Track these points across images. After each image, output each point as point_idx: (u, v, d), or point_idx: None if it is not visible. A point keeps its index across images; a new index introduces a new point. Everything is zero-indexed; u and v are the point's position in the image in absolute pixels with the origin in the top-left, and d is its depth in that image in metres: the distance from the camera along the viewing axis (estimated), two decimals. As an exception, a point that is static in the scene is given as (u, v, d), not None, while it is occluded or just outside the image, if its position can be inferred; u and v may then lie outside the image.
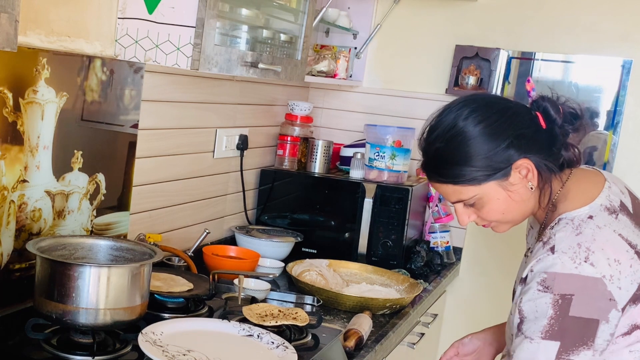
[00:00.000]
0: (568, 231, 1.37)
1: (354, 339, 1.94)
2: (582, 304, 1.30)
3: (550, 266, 1.34)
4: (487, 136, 1.42)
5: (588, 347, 1.30)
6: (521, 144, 1.41)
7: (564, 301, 1.30)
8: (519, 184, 1.43)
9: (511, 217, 1.48)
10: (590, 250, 1.33)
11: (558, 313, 1.31)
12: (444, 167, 1.46)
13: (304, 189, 2.95)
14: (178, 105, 2.35)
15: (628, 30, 2.90)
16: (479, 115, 1.43)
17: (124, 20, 1.92)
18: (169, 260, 2.25)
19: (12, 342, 1.59)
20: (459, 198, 1.47)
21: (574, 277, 1.31)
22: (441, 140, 1.46)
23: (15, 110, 1.66)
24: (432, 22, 3.17)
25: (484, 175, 1.42)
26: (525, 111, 1.47)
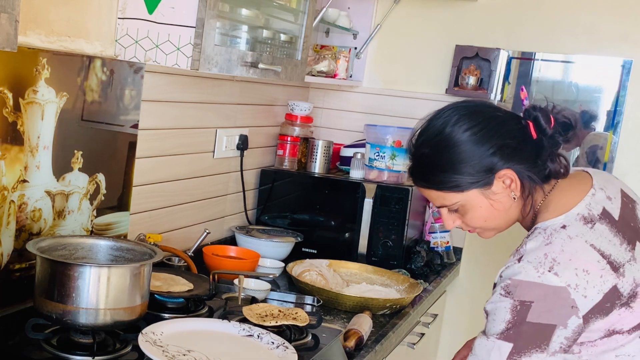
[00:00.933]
0: (538, 241, 1.40)
1: (354, 339, 1.94)
2: (541, 310, 1.33)
3: (514, 274, 1.37)
4: (472, 144, 1.43)
5: (542, 349, 1.34)
6: (506, 154, 1.43)
7: (523, 307, 1.34)
8: (501, 193, 1.45)
9: (494, 225, 1.51)
10: (556, 261, 1.35)
11: (515, 318, 1.34)
12: (429, 173, 1.49)
13: (304, 189, 2.95)
14: (178, 105, 2.35)
15: (628, 30, 2.90)
16: (466, 122, 1.45)
17: (124, 20, 1.92)
18: (169, 260, 2.25)
19: (12, 342, 1.59)
20: (443, 203, 1.50)
21: (536, 285, 1.34)
22: (427, 146, 1.49)
23: (15, 110, 1.66)
24: (432, 22, 3.17)
25: (467, 183, 1.44)
26: (514, 121, 1.48)
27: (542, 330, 1.34)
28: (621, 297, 1.37)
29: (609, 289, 1.36)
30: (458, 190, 1.46)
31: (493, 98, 3.06)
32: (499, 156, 1.43)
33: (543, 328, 1.34)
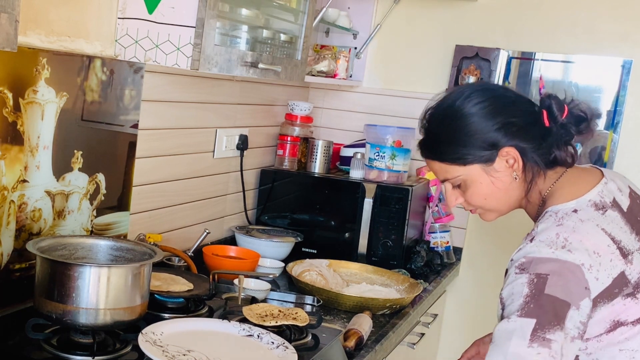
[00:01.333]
0: (549, 223, 1.39)
1: (354, 339, 1.94)
2: (557, 284, 1.30)
3: (528, 252, 1.35)
4: (479, 117, 1.44)
5: (561, 327, 1.28)
6: (511, 132, 1.44)
7: (539, 279, 1.30)
8: (503, 171, 1.46)
9: (494, 205, 1.50)
10: (568, 240, 1.34)
11: (533, 291, 1.30)
12: (435, 144, 1.50)
13: (304, 189, 2.95)
14: (178, 105, 2.35)
15: (628, 30, 2.90)
16: (477, 97, 1.46)
17: (124, 20, 1.92)
18: (169, 260, 2.25)
19: (12, 342, 1.59)
20: (445, 177, 1.50)
21: (551, 260, 1.32)
22: (437, 117, 1.50)
23: (15, 110, 1.66)
24: (432, 22, 3.17)
25: (470, 157, 1.45)
26: (526, 104, 1.49)
27: (560, 307, 1.29)
28: (628, 284, 1.36)
29: (617, 274, 1.35)
30: (460, 163, 1.46)
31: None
32: (503, 133, 1.43)
33: (560, 304, 1.29)
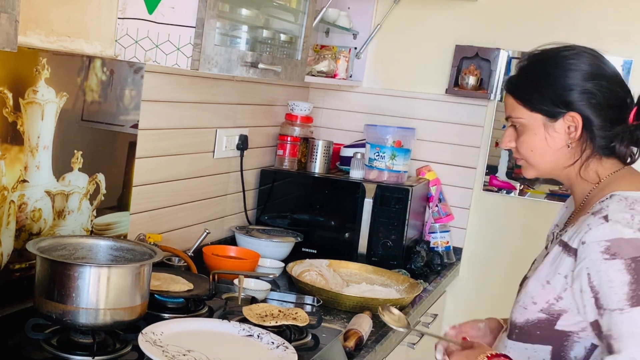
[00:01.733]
0: (622, 205, 1.37)
1: (354, 339, 1.94)
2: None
3: (607, 234, 1.33)
4: (568, 72, 1.46)
5: None
6: (589, 103, 1.43)
7: (636, 264, 1.29)
8: (560, 134, 1.46)
9: (538, 161, 1.50)
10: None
11: (636, 277, 1.29)
12: (519, 79, 1.52)
13: (304, 189, 2.95)
14: (178, 105, 2.35)
15: (628, 30, 2.90)
16: (583, 59, 1.49)
17: (124, 20, 1.92)
18: (169, 260, 2.25)
19: (12, 342, 1.59)
20: (510, 114, 1.51)
21: (637, 240, 1.30)
22: (538, 58, 1.53)
23: (15, 110, 1.66)
24: (432, 22, 3.17)
25: (538, 105, 1.46)
26: (622, 90, 1.47)
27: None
28: None
29: None
30: (528, 106, 1.47)
31: (493, 98, 3.06)
32: (581, 98, 1.43)
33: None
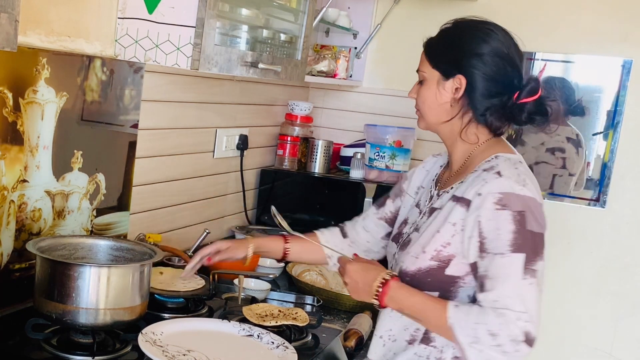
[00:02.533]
0: (508, 164, 1.55)
1: (354, 339, 1.94)
2: (532, 220, 1.47)
3: (501, 187, 1.49)
4: (471, 43, 1.62)
5: (541, 258, 1.47)
6: (479, 72, 1.59)
7: (521, 217, 1.46)
8: (446, 92, 1.61)
9: (426, 112, 1.66)
10: (526, 181, 1.51)
11: (519, 227, 1.45)
12: (434, 38, 1.69)
13: (304, 189, 2.95)
14: (178, 105, 2.35)
15: (628, 30, 2.90)
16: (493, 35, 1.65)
17: (124, 20, 1.92)
18: (169, 260, 2.25)
19: (12, 342, 1.59)
20: (419, 67, 1.68)
21: (523, 197, 1.48)
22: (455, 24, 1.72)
23: (15, 110, 1.66)
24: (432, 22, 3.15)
25: (438, 62, 1.63)
26: (515, 71, 1.62)
27: (537, 239, 1.47)
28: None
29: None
30: (432, 62, 1.64)
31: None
32: (473, 66, 1.59)
33: (537, 237, 1.47)
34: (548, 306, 3.09)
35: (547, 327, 3.12)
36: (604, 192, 2.98)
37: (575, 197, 3.03)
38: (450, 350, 1.54)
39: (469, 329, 1.44)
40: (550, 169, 3.06)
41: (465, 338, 1.44)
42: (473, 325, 1.44)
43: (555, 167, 3.05)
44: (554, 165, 3.04)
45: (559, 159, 3.04)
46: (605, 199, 2.98)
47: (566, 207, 3.04)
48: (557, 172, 3.05)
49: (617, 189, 2.96)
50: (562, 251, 3.05)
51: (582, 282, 3.04)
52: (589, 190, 3.01)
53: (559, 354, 3.10)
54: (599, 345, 3.03)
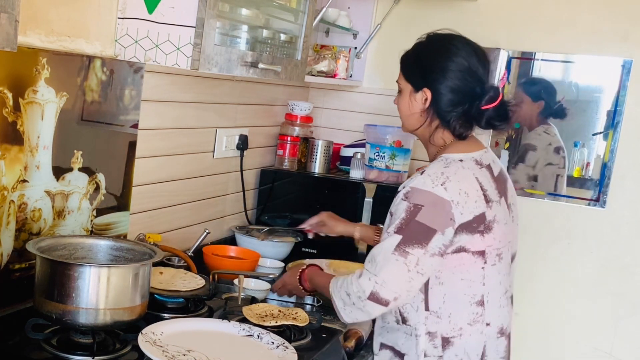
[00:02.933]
0: (440, 164, 1.78)
1: (354, 339, 1.94)
2: (428, 215, 1.70)
3: (415, 183, 1.74)
4: (439, 59, 1.81)
5: (422, 247, 1.69)
6: (445, 86, 1.79)
7: (415, 209, 1.70)
8: (417, 102, 1.83)
9: (403, 119, 1.90)
10: (449, 179, 1.72)
11: (408, 216, 1.71)
12: (408, 53, 1.90)
13: (304, 189, 2.95)
14: (178, 105, 2.35)
15: (628, 30, 2.90)
16: (460, 52, 1.80)
17: (124, 20, 1.92)
18: (169, 260, 2.25)
19: (12, 342, 1.59)
20: (398, 80, 1.90)
21: (428, 193, 1.71)
22: (428, 39, 1.88)
23: (15, 110, 1.66)
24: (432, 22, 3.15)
25: (411, 76, 1.85)
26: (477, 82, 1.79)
27: (426, 231, 1.69)
28: (483, 224, 1.74)
29: (479, 213, 1.74)
30: (405, 76, 1.87)
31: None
32: (440, 82, 1.79)
33: (426, 230, 1.69)
34: (548, 306, 3.10)
35: (547, 327, 3.12)
36: (604, 192, 2.98)
37: (575, 197, 3.03)
38: (423, 328, 1.80)
39: (338, 292, 1.79)
40: (553, 170, 3.06)
41: (338, 302, 1.79)
42: (339, 289, 1.79)
43: (558, 167, 3.05)
44: (558, 164, 3.04)
45: (561, 158, 3.04)
46: (605, 199, 2.98)
47: (566, 207, 3.04)
48: (559, 172, 3.05)
49: (617, 189, 2.96)
50: (562, 251, 3.06)
51: (582, 282, 3.04)
52: (589, 190, 3.01)
53: (559, 354, 3.10)
54: (599, 345, 3.03)
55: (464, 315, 1.79)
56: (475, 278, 1.78)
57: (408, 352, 1.82)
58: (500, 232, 1.79)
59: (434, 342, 1.80)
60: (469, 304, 1.79)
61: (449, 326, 1.79)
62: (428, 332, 1.80)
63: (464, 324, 1.80)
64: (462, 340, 1.80)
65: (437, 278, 1.77)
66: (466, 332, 1.80)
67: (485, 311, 1.81)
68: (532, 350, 3.13)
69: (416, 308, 1.80)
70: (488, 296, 1.81)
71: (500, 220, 1.78)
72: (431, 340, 1.80)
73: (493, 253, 1.79)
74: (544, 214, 3.07)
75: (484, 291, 1.80)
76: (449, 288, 1.77)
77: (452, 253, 1.73)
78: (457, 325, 1.79)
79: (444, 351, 1.80)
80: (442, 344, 1.79)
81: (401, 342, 1.84)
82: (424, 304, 1.79)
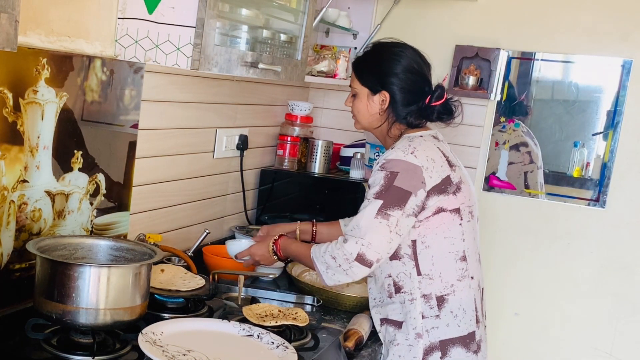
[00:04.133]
0: (405, 140, 1.99)
1: (354, 339, 1.94)
2: (403, 179, 1.88)
3: (387, 156, 1.94)
4: (390, 64, 2.01)
5: (400, 208, 1.87)
6: (399, 88, 2.00)
7: (392, 175, 1.89)
8: (375, 104, 2.03)
9: (360, 119, 2.08)
10: (416, 149, 1.93)
11: (387, 183, 1.89)
12: (362, 60, 2.08)
13: (304, 189, 2.95)
14: (178, 105, 2.35)
15: (628, 30, 2.90)
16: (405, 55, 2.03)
17: (124, 20, 1.92)
18: (169, 260, 2.25)
19: (12, 342, 1.59)
20: (351, 83, 2.08)
21: (401, 161, 1.90)
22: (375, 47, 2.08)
23: (15, 110, 1.66)
24: (432, 22, 3.17)
25: (367, 80, 2.03)
26: (424, 82, 2.03)
27: (403, 195, 1.87)
28: (451, 185, 1.94)
29: (445, 176, 1.94)
30: (361, 80, 2.05)
31: (493, 98, 3.07)
32: (394, 84, 2.00)
33: (403, 193, 1.88)
34: (548, 306, 3.10)
35: (547, 327, 3.12)
36: (604, 192, 2.98)
37: (575, 197, 3.03)
38: (417, 292, 1.94)
39: (321, 257, 1.90)
40: (518, 168, 3.08)
41: (320, 266, 1.90)
42: (323, 254, 1.89)
43: (523, 164, 3.06)
44: (522, 161, 3.06)
45: (524, 154, 3.06)
46: (605, 199, 2.98)
47: (566, 207, 3.04)
48: (526, 168, 3.06)
49: (617, 189, 2.96)
50: (562, 251, 3.06)
51: (582, 282, 3.04)
52: (589, 190, 3.01)
53: (559, 354, 3.10)
54: (599, 345, 3.03)
55: (452, 273, 1.96)
56: (456, 235, 1.97)
57: (405, 318, 1.96)
58: (468, 192, 2.01)
59: (430, 303, 1.94)
60: (454, 261, 1.97)
61: (441, 285, 1.95)
62: (423, 294, 1.94)
63: (454, 280, 1.96)
64: (455, 297, 1.96)
65: (423, 243, 1.94)
66: (458, 288, 1.96)
67: (469, 265, 1.99)
68: (532, 350, 3.13)
69: (409, 275, 1.95)
70: (468, 251, 1.99)
71: (465, 181, 2.01)
72: (427, 302, 1.94)
73: (466, 210, 1.99)
74: (543, 214, 3.07)
75: (464, 247, 1.98)
76: (435, 249, 1.94)
77: (433, 215, 1.92)
78: (448, 283, 1.96)
79: (440, 310, 1.94)
80: (437, 304, 1.94)
81: (397, 312, 1.97)
82: (415, 269, 1.95)
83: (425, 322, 1.93)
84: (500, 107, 3.08)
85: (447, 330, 1.94)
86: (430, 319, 1.94)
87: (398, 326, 1.96)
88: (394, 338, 1.97)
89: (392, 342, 1.97)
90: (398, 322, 1.97)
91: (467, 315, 1.97)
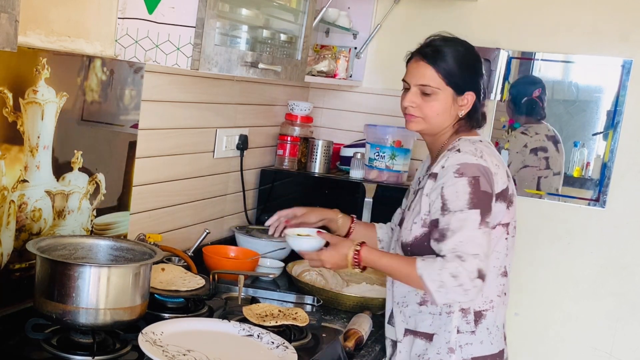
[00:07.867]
0: (467, 144, 1.88)
1: (354, 339, 1.94)
2: (484, 183, 1.79)
3: (459, 160, 1.82)
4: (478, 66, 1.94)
5: (491, 211, 1.80)
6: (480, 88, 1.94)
7: (475, 181, 1.79)
8: (460, 105, 1.92)
9: (435, 121, 1.92)
10: (483, 153, 1.85)
11: (474, 189, 1.78)
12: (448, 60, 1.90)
13: (304, 189, 2.95)
14: (178, 105, 2.35)
15: (628, 30, 2.90)
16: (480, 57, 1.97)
17: (124, 20, 1.92)
18: (169, 260, 2.25)
19: (12, 342, 1.59)
20: (425, 82, 1.91)
21: (477, 165, 1.81)
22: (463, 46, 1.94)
23: (15, 110, 1.66)
24: (432, 22, 3.17)
25: (455, 82, 1.89)
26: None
27: (489, 199, 1.80)
28: (507, 196, 1.87)
29: (505, 186, 1.87)
30: (446, 80, 1.89)
31: (493, 98, 3.07)
32: (479, 83, 1.94)
33: (490, 197, 1.80)
34: (548, 306, 3.10)
35: (547, 327, 3.12)
36: (604, 192, 2.98)
37: (575, 197, 3.03)
38: (456, 305, 1.85)
39: (435, 275, 1.73)
40: (533, 172, 3.06)
41: (432, 284, 1.74)
42: (437, 272, 1.73)
43: (538, 169, 3.05)
44: (537, 166, 3.05)
45: (541, 160, 3.05)
46: (605, 199, 2.98)
47: (566, 207, 3.04)
48: (541, 173, 3.05)
49: (617, 189, 2.96)
50: (562, 251, 3.06)
51: (582, 282, 3.04)
52: (589, 190, 3.01)
53: (559, 354, 3.10)
54: (599, 345, 3.03)
55: (493, 288, 1.89)
56: (501, 250, 1.90)
57: (437, 331, 1.89)
58: (516, 206, 1.93)
59: (467, 318, 1.87)
60: (496, 276, 1.90)
61: (481, 300, 1.88)
62: (461, 308, 1.87)
63: (494, 296, 1.90)
64: (493, 313, 1.90)
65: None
66: (496, 304, 1.90)
67: (507, 282, 1.94)
68: (532, 350, 3.13)
69: None
70: (508, 267, 1.93)
71: (515, 194, 1.93)
72: (464, 317, 1.87)
73: (512, 225, 1.92)
74: (543, 214, 3.07)
75: (507, 262, 1.92)
76: None
77: (493, 228, 1.83)
78: (488, 299, 1.89)
79: (476, 326, 1.88)
80: (475, 319, 1.88)
81: (427, 323, 1.90)
82: None
83: (460, 337, 1.87)
84: (516, 107, 3.07)
85: (481, 348, 1.88)
86: (465, 335, 1.87)
87: (429, 339, 1.89)
88: (425, 352, 1.89)
89: (421, 355, 1.90)
90: (429, 334, 1.89)
91: (500, 332, 1.93)
